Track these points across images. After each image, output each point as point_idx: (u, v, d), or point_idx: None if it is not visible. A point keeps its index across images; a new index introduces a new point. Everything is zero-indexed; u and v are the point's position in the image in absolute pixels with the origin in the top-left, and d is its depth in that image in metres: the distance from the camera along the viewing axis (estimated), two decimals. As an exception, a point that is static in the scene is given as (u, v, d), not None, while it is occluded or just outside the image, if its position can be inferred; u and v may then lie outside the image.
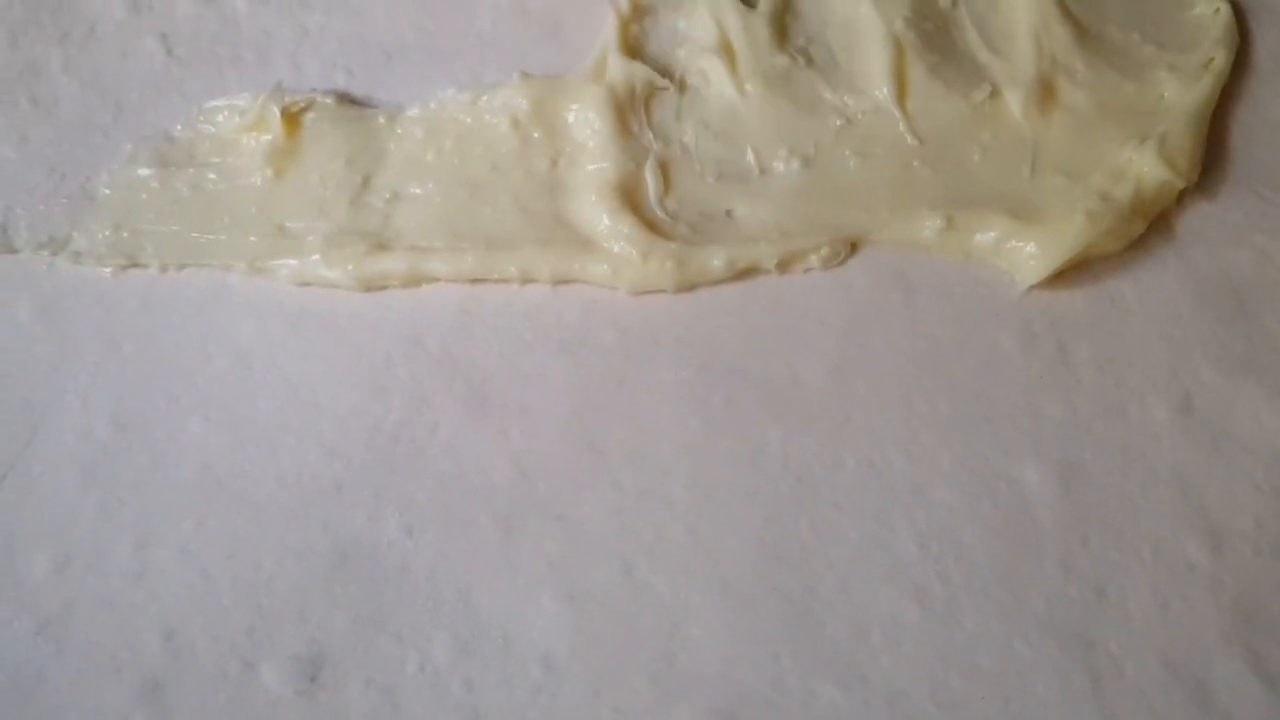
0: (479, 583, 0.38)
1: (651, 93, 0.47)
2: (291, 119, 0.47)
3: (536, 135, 0.46)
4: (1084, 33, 0.47)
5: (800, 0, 0.49)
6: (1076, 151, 0.44)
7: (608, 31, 0.48)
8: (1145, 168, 0.43)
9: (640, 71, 0.47)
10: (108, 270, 0.45)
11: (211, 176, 0.46)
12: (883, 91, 0.46)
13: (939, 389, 0.40)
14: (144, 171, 0.47)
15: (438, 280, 0.44)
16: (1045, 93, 0.46)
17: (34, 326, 0.44)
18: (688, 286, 0.43)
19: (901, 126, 0.45)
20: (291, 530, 0.39)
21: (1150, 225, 0.43)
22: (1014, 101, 0.45)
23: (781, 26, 0.48)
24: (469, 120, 0.47)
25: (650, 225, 0.43)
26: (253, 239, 0.45)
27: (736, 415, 0.40)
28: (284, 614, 0.38)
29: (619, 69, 0.47)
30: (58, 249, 0.46)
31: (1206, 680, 0.35)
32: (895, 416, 0.40)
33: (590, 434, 0.40)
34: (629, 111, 0.46)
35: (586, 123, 0.46)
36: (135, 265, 0.45)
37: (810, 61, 0.47)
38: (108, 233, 0.46)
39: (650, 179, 0.45)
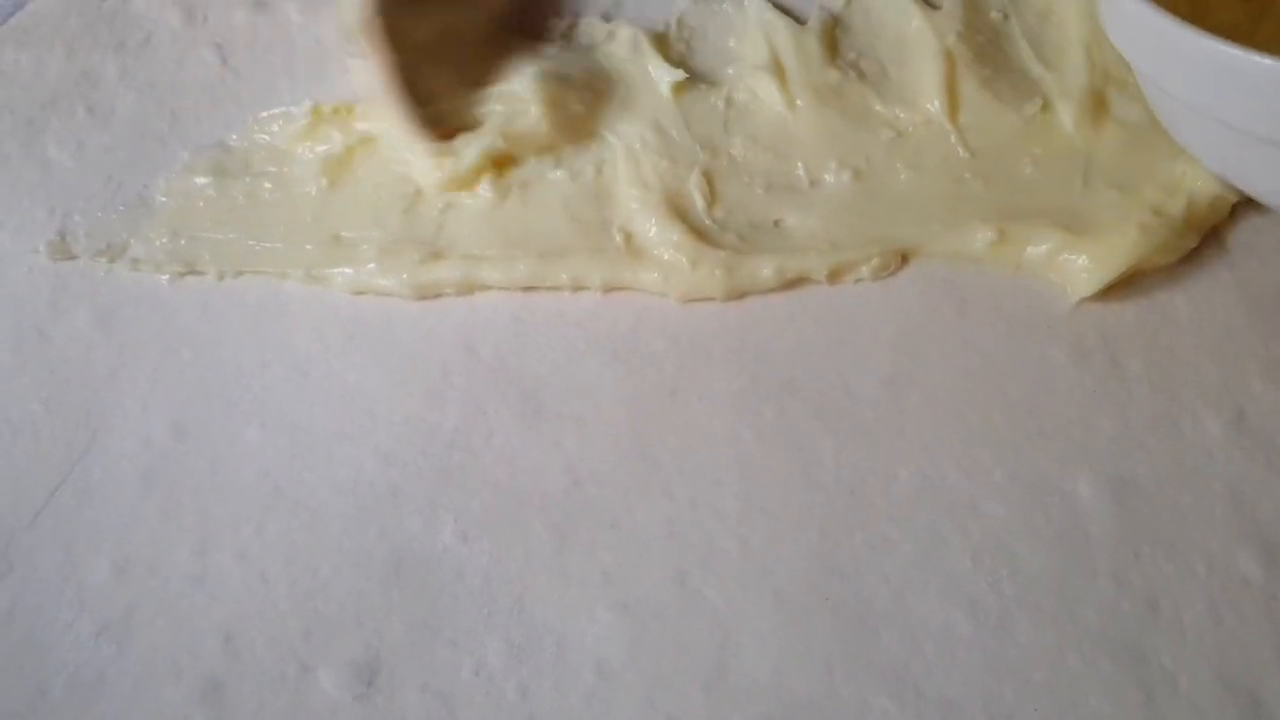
0: (533, 590, 0.38)
1: (692, 101, 0.47)
2: (345, 129, 0.47)
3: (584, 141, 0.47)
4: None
5: (851, 15, 0.49)
6: (1129, 164, 0.44)
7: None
8: (1198, 181, 0.43)
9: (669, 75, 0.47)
10: (165, 277, 0.46)
11: (267, 185, 0.47)
12: (934, 105, 0.46)
13: (991, 402, 0.40)
14: (200, 180, 0.47)
15: (491, 288, 0.44)
16: (1097, 106, 0.46)
17: (93, 333, 0.45)
18: (737, 295, 0.43)
19: (953, 139, 0.45)
20: (348, 536, 0.40)
21: (1203, 239, 0.43)
22: (1065, 114, 0.45)
23: (832, 42, 0.49)
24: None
25: (699, 234, 0.44)
26: (308, 247, 0.45)
27: (789, 426, 0.40)
28: (341, 619, 0.38)
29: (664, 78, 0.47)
30: (116, 256, 0.46)
31: (1260, 694, 0.35)
32: (948, 429, 0.40)
33: (643, 443, 0.41)
34: (670, 119, 0.47)
35: (630, 129, 0.47)
36: (193, 272, 0.46)
37: (861, 75, 0.47)
38: (165, 240, 0.46)
39: (697, 189, 0.45)
